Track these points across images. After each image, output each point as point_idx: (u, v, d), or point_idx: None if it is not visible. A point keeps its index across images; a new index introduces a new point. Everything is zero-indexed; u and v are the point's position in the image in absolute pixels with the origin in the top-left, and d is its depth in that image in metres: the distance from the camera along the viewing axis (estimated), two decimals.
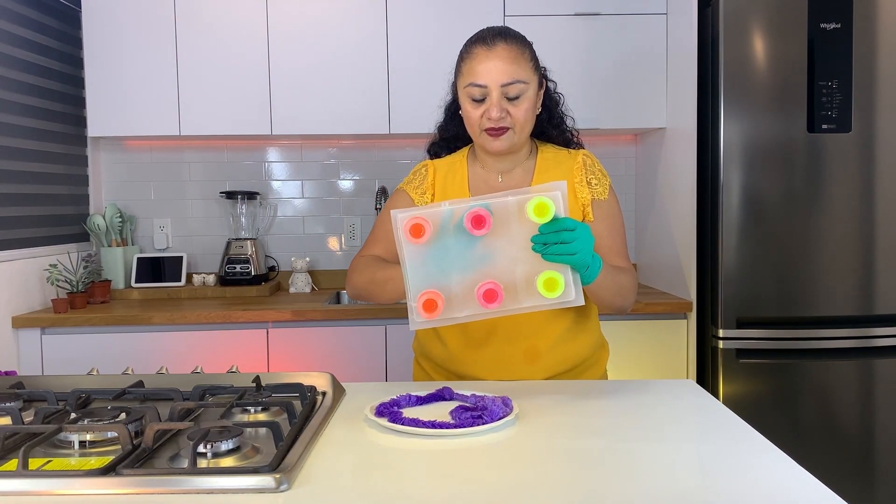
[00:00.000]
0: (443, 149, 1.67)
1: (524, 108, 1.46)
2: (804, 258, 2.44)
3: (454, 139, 1.65)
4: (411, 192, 1.59)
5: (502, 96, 1.44)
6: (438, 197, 1.57)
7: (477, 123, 1.47)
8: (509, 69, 1.43)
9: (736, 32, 2.41)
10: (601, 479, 0.98)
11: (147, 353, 2.50)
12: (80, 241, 2.95)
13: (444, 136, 1.67)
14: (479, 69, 1.44)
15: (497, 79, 1.43)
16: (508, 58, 1.44)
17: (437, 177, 1.59)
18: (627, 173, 3.22)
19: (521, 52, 1.46)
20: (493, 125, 1.45)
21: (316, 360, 2.55)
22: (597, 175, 1.56)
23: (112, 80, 2.77)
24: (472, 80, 1.45)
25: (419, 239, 1.25)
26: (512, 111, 1.45)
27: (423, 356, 1.67)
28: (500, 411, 1.21)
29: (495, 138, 1.47)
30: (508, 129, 1.46)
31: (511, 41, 1.46)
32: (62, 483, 0.93)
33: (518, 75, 1.44)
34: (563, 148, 1.61)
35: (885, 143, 2.43)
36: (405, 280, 1.27)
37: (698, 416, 1.24)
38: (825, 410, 2.46)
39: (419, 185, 1.59)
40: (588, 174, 1.55)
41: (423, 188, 1.58)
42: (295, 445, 1.04)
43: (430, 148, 1.70)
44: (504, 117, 1.45)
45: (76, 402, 1.27)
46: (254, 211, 3.12)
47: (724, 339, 2.46)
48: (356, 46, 2.79)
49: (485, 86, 1.44)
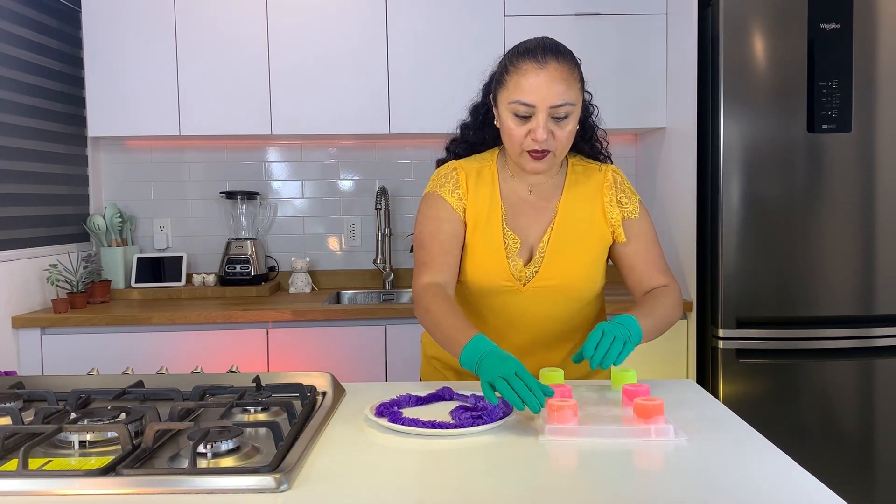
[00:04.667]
0: (465, 151, 1.60)
1: (569, 129, 1.41)
2: (804, 258, 2.44)
3: (479, 144, 1.59)
4: (447, 195, 1.51)
5: (549, 117, 1.38)
6: (472, 202, 1.51)
7: (519, 143, 1.41)
8: (560, 90, 1.37)
9: (736, 32, 2.41)
10: (601, 478, 0.98)
11: (147, 353, 2.50)
12: (80, 241, 2.95)
13: (467, 138, 1.60)
14: (527, 87, 1.37)
15: (547, 100, 1.37)
16: (560, 78, 1.37)
17: (469, 181, 1.52)
18: (627, 173, 3.20)
19: (571, 72, 1.40)
20: (537, 147, 1.40)
21: (316, 360, 2.55)
22: (627, 193, 1.54)
23: (112, 80, 2.77)
24: (520, 98, 1.38)
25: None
26: (557, 133, 1.40)
27: (437, 357, 1.64)
28: (500, 411, 1.21)
29: (537, 160, 1.42)
30: (550, 151, 1.41)
31: (563, 60, 1.39)
32: (62, 483, 0.93)
33: (568, 97, 1.38)
34: (591, 161, 1.58)
35: (885, 143, 2.43)
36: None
37: (698, 416, 1.24)
38: (825, 410, 2.46)
39: (454, 189, 1.51)
40: (618, 192, 1.53)
41: (459, 193, 1.51)
42: (295, 445, 1.04)
43: (451, 146, 1.63)
44: (548, 139, 1.39)
45: (76, 402, 1.27)
46: (254, 211, 3.12)
47: (724, 339, 2.46)
48: (356, 46, 2.79)
49: (533, 105, 1.37)
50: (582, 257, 1.51)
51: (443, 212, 1.50)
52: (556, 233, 1.50)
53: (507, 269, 1.48)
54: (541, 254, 1.50)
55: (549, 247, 1.50)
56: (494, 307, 1.52)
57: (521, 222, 1.51)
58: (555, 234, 1.50)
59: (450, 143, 1.64)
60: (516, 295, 1.50)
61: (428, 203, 1.54)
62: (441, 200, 1.51)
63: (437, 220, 1.50)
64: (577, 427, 1.14)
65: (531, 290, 1.49)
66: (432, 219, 1.51)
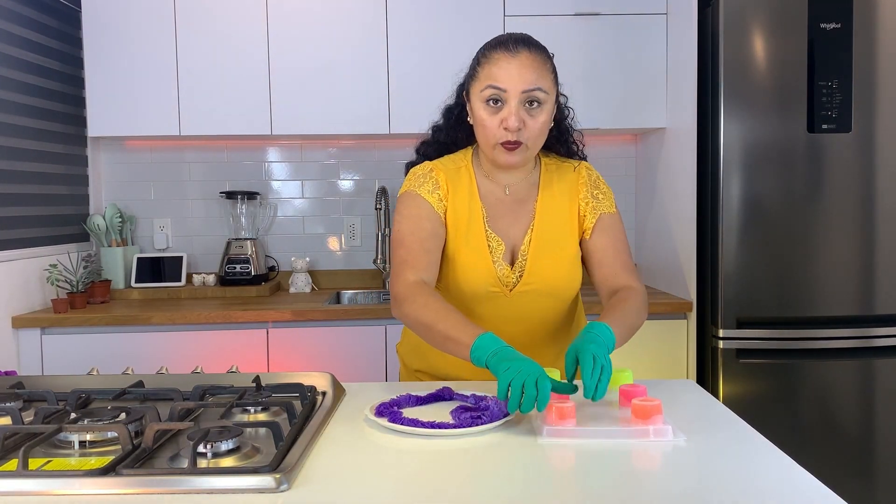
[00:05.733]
0: (435, 152, 1.58)
1: (541, 120, 1.40)
2: (804, 258, 2.44)
3: (451, 144, 1.58)
4: (427, 195, 1.48)
5: (521, 104, 1.38)
6: (452, 205, 1.48)
7: (493, 135, 1.40)
8: (531, 76, 1.37)
9: (736, 32, 2.41)
10: (601, 478, 0.98)
11: (147, 353, 2.50)
12: (80, 241, 2.95)
13: (438, 139, 1.59)
14: (499, 74, 1.38)
15: (518, 85, 1.37)
16: (531, 66, 1.38)
17: (449, 183, 1.50)
18: (627, 173, 3.22)
19: (543, 61, 1.41)
20: (509, 137, 1.39)
21: (316, 360, 2.55)
22: (601, 189, 1.54)
23: (112, 80, 2.77)
24: (492, 83, 1.38)
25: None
26: (529, 123, 1.39)
27: (424, 371, 1.61)
28: (500, 411, 1.21)
29: (510, 152, 1.41)
30: (522, 143, 1.40)
31: (534, 50, 1.40)
32: (62, 483, 0.93)
33: (540, 83, 1.38)
34: (565, 159, 1.58)
35: (885, 143, 2.43)
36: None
37: (698, 416, 1.24)
38: (825, 410, 2.46)
39: (433, 189, 1.48)
40: (593, 188, 1.53)
41: (439, 194, 1.48)
42: (295, 445, 1.04)
43: (421, 148, 1.61)
44: (520, 129, 1.38)
45: (76, 402, 1.27)
46: (254, 211, 3.12)
47: (724, 339, 2.46)
48: (356, 46, 2.79)
49: (504, 90, 1.37)
50: (563, 257, 1.50)
51: (423, 210, 1.47)
52: (537, 234, 1.49)
53: (494, 274, 1.47)
54: (523, 257, 1.48)
55: (530, 249, 1.48)
56: (480, 313, 1.49)
57: (501, 224, 1.50)
58: (535, 235, 1.49)
59: (420, 145, 1.62)
60: (502, 299, 1.48)
61: (406, 202, 1.49)
62: (420, 199, 1.48)
63: (418, 218, 1.46)
64: (575, 428, 1.13)
65: (517, 294, 1.48)
66: (412, 217, 1.47)
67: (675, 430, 1.12)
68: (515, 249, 1.50)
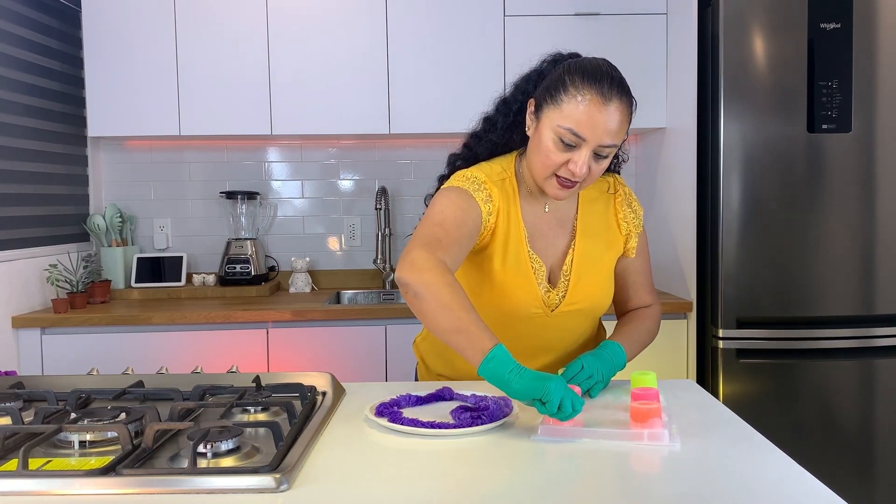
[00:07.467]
0: (485, 150, 1.49)
1: (604, 165, 1.35)
2: (804, 258, 2.44)
3: (502, 146, 1.48)
4: (480, 203, 1.39)
5: (593, 153, 1.32)
6: (498, 223, 1.41)
7: (553, 168, 1.33)
8: (614, 132, 1.30)
9: (736, 32, 2.41)
10: (601, 478, 0.98)
11: (147, 353, 2.50)
12: (80, 241, 2.95)
13: (491, 138, 1.48)
14: (585, 122, 1.29)
15: (601, 138, 1.30)
16: (618, 119, 1.30)
17: (501, 201, 1.41)
18: (627, 173, 3.21)
19: (628, 114, 1.34)
20: (569, 177, 1.33)
21: (316, 360, 2.55)
22: (633, 207, 1.52)
23: (112, 80, 2.77)
24: (573, 128, 1.29)
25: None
26: (593, 168, 1.34)
27: (446, 376, 1.58)
28: (500, 411, 1.21)
29: (563, 189, 1.35)
30: (578, 183, 1.35)
31: (625, 99, 1.33)
32: (62, 483, 0.93)
33: (618, 138, 1.32)
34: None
35: (885, 143, 2.43)
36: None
37: (698, 416, 1.24)
38: (825, 410, 2.46)
39: (486, 201, 1.40)
40: (631, 204, 1.52)
41: (490, 207, 1.40)
42: (295, 445, 1.04)
43: (472, 142, 1.51)
44: (584, 174, 1.33)
45: (76, 402, 1.27)
46: (254, 211, 3.12)
47: (724, 339, 2.46)
48: (356, 46, 2.79)
49: (584, 139, 1.30)
50: (603, 275, 1.48)
51: (472, 212, 1.37)
52: (579, 253, 1.45)
53: (538, 297, 1.42)
54: (565, 277, 1.44)
55: (573, 270, 1.44)
56: (519, 333, 1.44)
57: (541, 244, 1.45)
58: (577, 254, 1.45)
59: (469, 137, 1.52)
60: (543, 319, 1.44)
61: (458, 194, 1.39)
62: (474, 202, 1.38)
63: (466, 213, 1.37)
64: (568, 428, 1.14)
65: (558, 314, 1.45)
66: (461, 209, 1.36)
67: (671, 435, 1.12)
68: (555, 269, 1.46)
